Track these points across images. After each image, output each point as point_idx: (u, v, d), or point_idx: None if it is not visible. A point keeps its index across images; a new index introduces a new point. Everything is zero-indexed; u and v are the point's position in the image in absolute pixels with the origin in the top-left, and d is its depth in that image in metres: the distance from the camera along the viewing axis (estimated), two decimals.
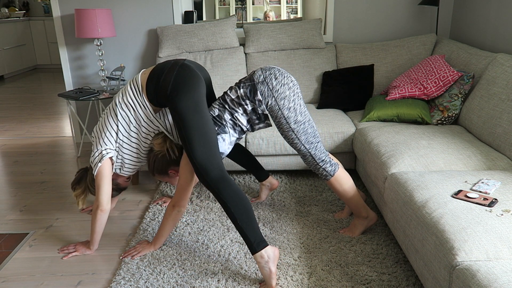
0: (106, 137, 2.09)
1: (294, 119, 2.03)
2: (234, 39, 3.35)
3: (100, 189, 2.07)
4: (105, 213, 2.08)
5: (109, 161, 2.09)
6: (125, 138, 2.12)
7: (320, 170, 2.13)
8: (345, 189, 2.15)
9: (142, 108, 2.06)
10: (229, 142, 2.10)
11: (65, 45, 3.60)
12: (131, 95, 2.06)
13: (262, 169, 2.53)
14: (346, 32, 3.57)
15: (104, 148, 2.09)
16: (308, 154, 2.10)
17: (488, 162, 2.06)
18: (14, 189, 2.94)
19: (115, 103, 2.09)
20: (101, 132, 2.11)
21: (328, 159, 2.12)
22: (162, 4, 3.48)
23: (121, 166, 2.23)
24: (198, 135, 1.85)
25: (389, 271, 1.94)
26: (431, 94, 2.71)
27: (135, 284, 1.89)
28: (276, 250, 1.87)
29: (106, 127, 2.10)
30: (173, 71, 1.95)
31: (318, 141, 2.10)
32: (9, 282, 1.95)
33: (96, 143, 2.12)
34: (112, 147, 2.11)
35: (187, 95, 1.89)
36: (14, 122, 4.60)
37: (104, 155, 2.06)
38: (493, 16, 2.89)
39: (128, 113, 2.07)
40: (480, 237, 1.42)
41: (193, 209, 2.55)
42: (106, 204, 2.08)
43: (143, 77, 2.05)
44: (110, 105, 2.14)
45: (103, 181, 2.07)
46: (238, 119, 2.04)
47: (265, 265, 1.82)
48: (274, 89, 1.99)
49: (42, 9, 8.48)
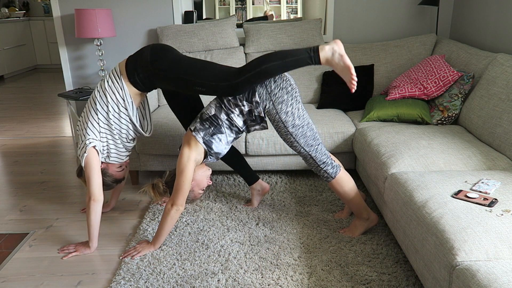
0: (88, 128, 2.10)
1: (291, 123, 2.03)
2: (234, 39, 3.35)
3: (90, 179, 2.07)
4: (98, 203, 2.08)
5: (93, 150, 2.10)
6: (106, 125, 2.13)
7: (322, 172, 2.13)
8: (346, 191, 2.15)
9: (121, 93, 2.08)
10: (226, 142, 2.10)
11: (65, 45, 3.60)
12: (109, 82, 2.09)
13: (251, 171, 2.50)
14: (346, 32, 3.57)
15: (87, 138, 2.09)
16: (309, 156, 2.10)
17: (488, 162, 2.06)
18: (14, 189, 2.94)
19: (94, 93, 2.12)
20: (84, 123, 2.13)
21: (329, 161, 2.11)
22: (162, 4, 3.48)
23: (108, 154, 2.22)
24: (199, 67, 1.98)
25: (389, 271, 1.94)
26: (431, 94, 2.71)
27: (135, 284, 1.89)
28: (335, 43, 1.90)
29: (88, 117, 2.12)
30: (149, 46, 2.07)
31: (319, 143, 2.10)
32: (9, 282, 1.95)
33: (81, 136, 2.14)
34: (95, 137, 2.11)
35: (168, 53, 2.03)
36: (14, 122, 4.60)
37: (87, 144, 2.07)
38: (493, 16, 2.89)
39: (106, 100, 2.08)
40: (480, 237, 1.42)
41: (193, 209, 2.55)
42: (98, 194, 2.07)
43: (121, 63, 2.11)
44: (90, 96, 2.17)
45: (92, 171, 2.07)
46: (234, 120, 2.05)
47: (334, 55, 1.87)
48: (272, 92, 1.99)
49: (42, 9, 8.48)
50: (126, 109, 2.11)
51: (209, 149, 2.06)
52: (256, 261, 2.03)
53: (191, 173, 2.02)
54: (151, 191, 2.24)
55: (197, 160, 2.07)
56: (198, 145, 2.04)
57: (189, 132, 2.08)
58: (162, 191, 2.24)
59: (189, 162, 2.02)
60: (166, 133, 2.71)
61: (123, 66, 2.08)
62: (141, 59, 2.04)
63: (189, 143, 2.05)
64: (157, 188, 2.23)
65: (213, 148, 2.07)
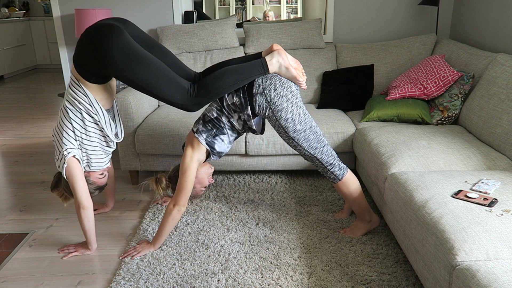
0: (64, 138, 2.05)
1: (292, 128, 2.02)
2: (234, 39, 3.35)
3: (75, 189, 2.04)
4: (87, 210, 2.06)
5: (73, 159, 2.05)
6: (83, 134, 2.08)
7: (328, 173, 2.12)
8: (352, 192, 2.15)
9: (87, 100, 2.02)
10: (228, 141, 2.11)
11: (65, 45, 3.60)
12: (72, 89, 2.02)
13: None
14: (346, 32, 3.57)
15: (65, 149, 2.04)
16: (315, 158, 2.09)
17: (488, 162, 2.06)
18: (14, 189, 2.94)
19: (64, 102, 2.06)
20: (59, 134, 2.07)
21: (336, 163, 2.11)
22: (162, 4, 3.48)
23: (88, 163, 2.17)
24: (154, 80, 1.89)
25: (389, 271, 1.94)
26: (431, 94, 2.71)
27: (135, 284, 1.89)
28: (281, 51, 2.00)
29: (62, 127, 2.06)
30: (83, 39, 1.89)
31: (324, 145, 2.09)
32: (9, 282, 1.95)
33: (57, 146, 2.09)
34: (72, 146, 2.06)
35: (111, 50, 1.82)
36: (14, 122, 4.60)
37: (65, 155, 2.02)
38: (493, 16, 2.89)
39: (78, 107, 2.03)
40: (480, 237, 1.42)
41: (193, 209, 2.55)
42: (86, 201, 2.05)
43: (72, 69, 2.03)
44: (62, 104, 2.10)
45: (75, 180, 2.04)
46: (233, 123, 2.05)
47: (280, 68, 1.99)
48: (272, 101, 1.99)
49: (42, 9, 8.48)
50: (96, 114, 2.06)
51: (212, 149, 2.07)
52: (256, 261, 2.03)
53: (194, 173, 2.03)
54: (154, 185, 2.29)
55: (200, 160, 2.08)
56: (200, 146, 2.05)
57: (191, 133, 2.09)
58: (165, 185, 2.28)
59: (192, 163, 2.03)
60: (166, 133, 2.71)
61: (75, 71, 1.99)
62: (87, 62, 1.91)
63: (192, 144, 2.06)
64: (160, 183, 2.28)
65: (215, 149, 2.07)
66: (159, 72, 1.89)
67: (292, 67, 1.99)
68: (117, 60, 1.84)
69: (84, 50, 1.89)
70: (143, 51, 1.89)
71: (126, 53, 1.84)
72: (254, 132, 2.10)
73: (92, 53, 1.86)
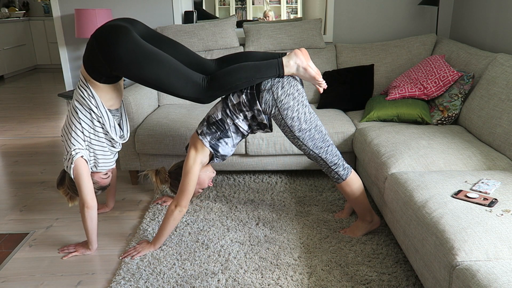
0: (73, 138, 2.06)
1: (298, 127, 2.02)
2: (234, 39, 3.35)
3: (81, 188, 2.06)
4: (92, 209, 2.07)
5: (81, 160, 2.06)
6: (91, 134, 2.10)
7: (332, 173, 2.12)
8: (354, 192, 2.14)
9: (93, 102, 2.02)
10: (232, 144, 2.11)
11: (65, 45, 3.60)
12: (82, 91, 2.02)
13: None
14: (346, 32, 3.57)
15: (73, 149, 2.05)
16: (319, 158, 2.09)
17: (488, 162, 2.06)
18: (14, 189, 2.94)
19: (73, 102, 2.07)
20: (67, 134, 2.08)
21: (341, 163, 2.11)
22: (162, 4, 3.48)
23: (95, 163, 2.19)
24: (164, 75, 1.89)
25: (389, 271, 1.94)
26: (431, 94, 2.71)
27: (135, 284, 1.89)
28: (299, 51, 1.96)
29: (71, 127, 2.07)
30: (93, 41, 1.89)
31: (329, 145, 2.08)
32: (9, 282, 1.95)
33: (66, 146, 2.10)
34: (81, 146, 2.07)
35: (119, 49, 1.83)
36: (14, 122, 4.60)
37: (73, 155, 2.03)
38: (493, 16, 2.89)
39: (87, 108, 2.04)
40: (480, 237, 1.42)
41: (193, 209, 2.55)
42: (91, 201, 2.07)
43: (82, 69, 2.03)
44: (71, 103, 2.12)
45: (81, 180, 2.05)
46: (239, 124, 2.05)
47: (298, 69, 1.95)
48: (279, 99, 1.98)
49: (42, 9, 8.48)
50: (101, 117, 2.07)
51: (215, 152, 2.07)
52: (256, 261, 2.03)
53: (196, 175, 2.04)
54: (153, 176, 2.31)
55: (203, 162, 2.08)
56: (204, 149, 2.05)
57: (195, 135, 2.09)
58: (163, 178, 2.30)
59: (195, 165, 2.04)
60: (166, 133, 2.71)
61: (85, 72, 2.00)
62: (96, 62, 1.92)
63: (195, 146, 2.06)
64: (159, 175, 2.29)
65: (219, 151, 2.07)
66: (170, 68, 1.90)
67: (310, 67, 1.95)
68: (126, 61, 1.85)
69: (93, 52, 1.90)
70: (152, 49, 1.89)
71: (135, 54, 1.85)
72: (264, 128, 2.09)
73: (102, 56, 1.87)
